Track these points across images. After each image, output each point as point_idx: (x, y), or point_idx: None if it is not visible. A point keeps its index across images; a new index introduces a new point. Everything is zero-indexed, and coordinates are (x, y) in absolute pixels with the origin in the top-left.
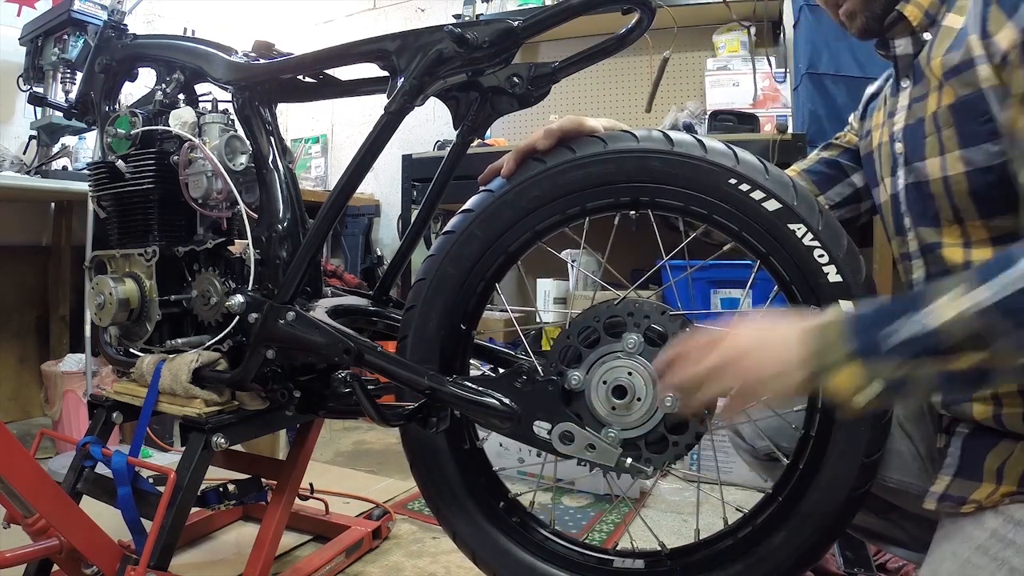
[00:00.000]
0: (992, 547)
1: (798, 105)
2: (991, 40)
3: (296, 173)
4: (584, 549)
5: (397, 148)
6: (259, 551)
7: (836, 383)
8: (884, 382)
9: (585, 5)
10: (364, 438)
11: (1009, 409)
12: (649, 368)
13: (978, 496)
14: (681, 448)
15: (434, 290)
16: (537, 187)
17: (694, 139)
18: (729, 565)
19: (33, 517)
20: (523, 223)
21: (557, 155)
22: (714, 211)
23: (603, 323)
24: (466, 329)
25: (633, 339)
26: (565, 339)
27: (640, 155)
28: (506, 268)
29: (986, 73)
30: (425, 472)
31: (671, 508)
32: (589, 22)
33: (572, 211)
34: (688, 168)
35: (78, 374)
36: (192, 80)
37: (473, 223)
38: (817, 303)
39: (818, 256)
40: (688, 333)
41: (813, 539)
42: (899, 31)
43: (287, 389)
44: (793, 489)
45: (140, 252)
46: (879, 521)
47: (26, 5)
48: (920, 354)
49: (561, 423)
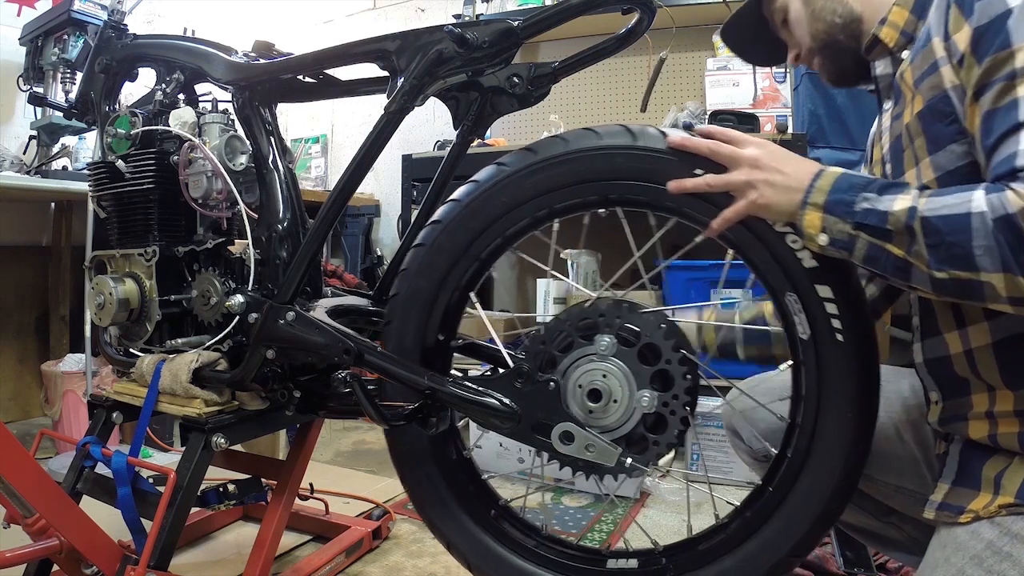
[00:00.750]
0: (987, 559)
1: (798, 105)
2: (951, 41)
3: (296, 173)
4: (578, 551)
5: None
6: (259, 551)
7: (806, 221)
8: (830, 239)
9: (585, 5)
10: (364, 438)
11: (1004, 429)
12: (624, 369)
13: (975, 506)
14: (662, 447)
15: (408, 304)
16: (502, 193)
17: (657, 131)
18: (723, 559)
19: (33, 517)
20: (492, 230)
21: (520, 159)
22: (684, 204)
23: (575, 326)
24: (444, 339)
25: (606, 341)
26: (539, 344)
27: (603, 152)
28: (480, 275)
29: (948, 74)
30: (415, 485)
31: (671, 508)
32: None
33: (540, 214)
34: (653, 162)
35: (78, 374)
36: (192, 80)
37: (442, 234)
38: (793, 289)
39: (791, 242)
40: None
41: (805, 528)
42: (877, 53)
43: (287, 389)
44: (782, 479)
45: (140, 252)
46: (878, 524)
47: (26, 5)
48: (865, 227)
49: (560, 423)
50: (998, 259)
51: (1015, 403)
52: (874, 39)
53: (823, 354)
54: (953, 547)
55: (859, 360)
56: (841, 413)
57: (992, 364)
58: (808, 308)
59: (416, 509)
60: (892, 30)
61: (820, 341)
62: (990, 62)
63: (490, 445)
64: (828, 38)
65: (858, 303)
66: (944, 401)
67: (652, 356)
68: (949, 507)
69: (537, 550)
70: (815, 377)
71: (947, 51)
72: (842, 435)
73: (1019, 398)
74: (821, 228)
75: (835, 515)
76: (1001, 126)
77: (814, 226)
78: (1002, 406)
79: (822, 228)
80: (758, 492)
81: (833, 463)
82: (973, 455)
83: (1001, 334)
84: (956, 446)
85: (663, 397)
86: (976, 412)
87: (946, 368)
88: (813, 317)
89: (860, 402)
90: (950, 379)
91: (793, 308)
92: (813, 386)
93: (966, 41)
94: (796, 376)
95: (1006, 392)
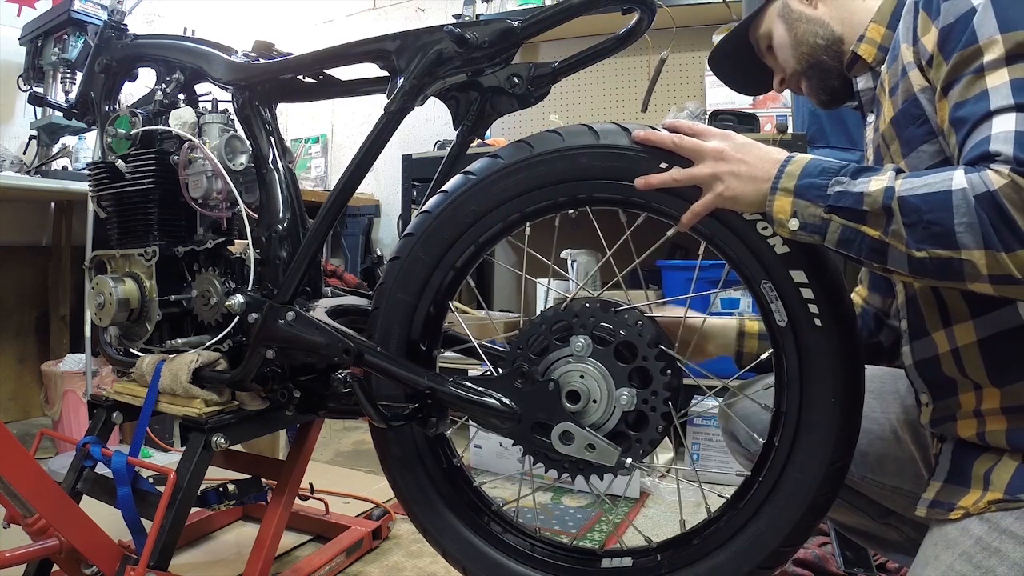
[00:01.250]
0: (976, 555)
1: (798, 105)
2: (920, 44)
3: (296, 173)
4: (572, 552)
5: (397, 148)
6: (259, 551)
7: (776, 206)
8: (801, 223)
9: (585, 5)
10: (364, 438)
11: (992, 427)
12: (602, 369)
13: (965, 503)
14: (645, 444)
15: (389, 317)
16: (471, 201)
17: (618, 127)
18: (716, 552)
19: (33, 517)
20: (464, 237)
21: (485, 167)
22: (652, 199)
23: (550, 329)
24: (426, 349)
25: (581, 342)
26: (516, 349)
27: (567, 153)
28: (457, 284)
29: (917, 77)
30: (408, 496)
31: (671, 508)
32: (589, 22)
33: (512, 218)
34: (617, 159)
35: (78, 374)
36: (192, 80)
37: (416, 246)
38: (767, 277)
39: (761, 229)
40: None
41: (797, 518)
42: (859, 69)
43: (287, 389)
44: (771, 469)
45: (140, 252)
46: (876, 525)
47: (26, 5)
48: (838, 210)
49: (560, 423)
50: (979, 236)
51: (1001, 400)
52: (853, 56)
53: (802, 340)
54: (943, 544)
55: (839, 344)
56: (824, 398)
57: (978, 362)
58: (784, 295)
59: (410, 519)
60: (870, 46)
61: (798, 327)
62: (957, 58)
63: (490, 445)
64: (813, 59)
65: (834, 287)
66: (934, 402)
67: (629, 354)
68: (940, 504)
69: (532, 553)
70: (796, 363)
71: (915, 55)
72: (828, 420)
73: (1005, 395)
74: (792, 213)
75: (826, 504)
76: (972, 115)
77: (784, 211)
78: (989, 404)
79: (793, 213)
80: (748, 484)
81: (821, 449)
82: (964, 454)
83: (986, 331)
84: (948, 445)
85: (643, 394)
86: (964, 411)
87: (934, 369)
88: (789, 303)
89: (844, 386)
90: (938, 380)
91: (769, 296)
92: (795, 373)
93: (933, 42)
94: (778, 364)
95: (992, 390)
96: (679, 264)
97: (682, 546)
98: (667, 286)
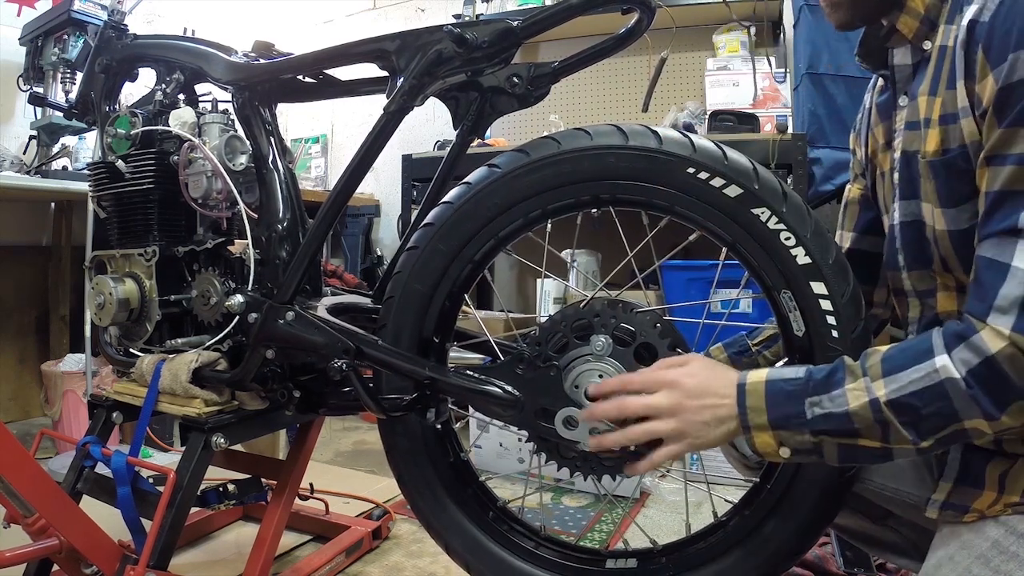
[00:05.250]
0: (994, 558)
1: (798, 105)
2: (975, 94)
3: (296, 173)
4: (577, 552)
5: (397, 148)
6: (259, 551)
7: (758, 443)
8: (792, 450)
9: (585, 5)
10: (364, 438)
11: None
12: (621, 369)
13: (980, 505)
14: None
15: (403, 307)
16: (495, 195)
17: (648, 130)
18: (723, 557)
19: (33, 517)
20: (485, 231)
21: (512, 160)
22: (676, 202)
23: (571, 327)
24: (439, 341)
25: (602, 341)
26: (536, 346)
27: (595, 152)
28: (473, 278)
29: (969, 126)
30: (412, 489)
31: (671, 508)
32: (589, 22)
33: (534, 215)
34: (644, 161)
35: (78, 374)
36: (192, 80)
37: (435, 237)
38: (787, 287)
39: (784, 239)
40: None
41: (805, 524)
42: (897, 40)
43: (287, 389)
44: (780, 477)
45: (140, 252)
46: (875, 527)
47: (26, 5)
48: (825, 433)
49: (563, 409)
50: (978, 410)
51: None
52: (891, 28)
53: (818, 350)
54: (958, 545)
55: (854, 355)
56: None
57: None
58: (803, 305)
59: (414, 512)
60: (912, 19)
61: (815, 338)
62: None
63: (490, 445)
64: None
65: (853, 299)
66: None
67: (648, 355)
68: (953, 506)
69: (536, 551)
70: None
71: (969, 100)
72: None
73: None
74: (779, 444)
75: (833, 512)
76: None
77: (770, 445)
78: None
79: (779, 443)
80: (756, 490)
81: None
82: (974, 456)
83: None
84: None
85: None
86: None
87: None
88: (808, 314)
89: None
90: None
91: (789, 306)
92: None
93: (989, 97)
94: None
95: None
96: (679, 264)
97: (687, 549)
98: (667, 286)
